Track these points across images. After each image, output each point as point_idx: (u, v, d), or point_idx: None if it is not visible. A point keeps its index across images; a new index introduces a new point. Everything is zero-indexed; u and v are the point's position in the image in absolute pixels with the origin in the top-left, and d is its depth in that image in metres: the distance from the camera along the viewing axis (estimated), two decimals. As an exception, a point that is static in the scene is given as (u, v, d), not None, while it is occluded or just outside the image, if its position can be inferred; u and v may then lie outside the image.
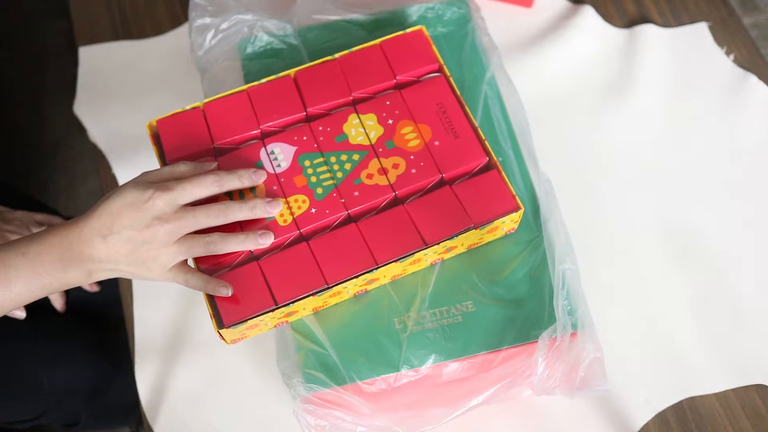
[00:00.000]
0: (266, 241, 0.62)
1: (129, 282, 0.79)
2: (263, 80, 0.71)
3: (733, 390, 0.74)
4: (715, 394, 0.73)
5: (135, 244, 0.57)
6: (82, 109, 0.90)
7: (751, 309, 0.77)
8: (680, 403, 0.73)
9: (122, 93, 0.90)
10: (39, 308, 0.79)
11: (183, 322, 0.77)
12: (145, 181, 0.59)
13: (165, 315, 0.78)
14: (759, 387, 0.74)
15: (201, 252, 0.60)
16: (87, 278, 0.59)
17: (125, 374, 0.80)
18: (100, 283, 0.82)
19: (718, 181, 0.84)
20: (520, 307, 0.65)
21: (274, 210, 0.63)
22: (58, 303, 0.81)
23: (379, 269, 0.63)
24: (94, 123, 0.89)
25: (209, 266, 0.63)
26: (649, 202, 0.82)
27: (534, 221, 0.69)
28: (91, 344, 0.91)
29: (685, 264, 0.79)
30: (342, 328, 0.65)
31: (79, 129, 0.90)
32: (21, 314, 0.76)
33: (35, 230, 0.81)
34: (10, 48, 1.69)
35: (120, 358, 0.91)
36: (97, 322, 0.92)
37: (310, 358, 0.64)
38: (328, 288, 0.62)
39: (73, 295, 0.82)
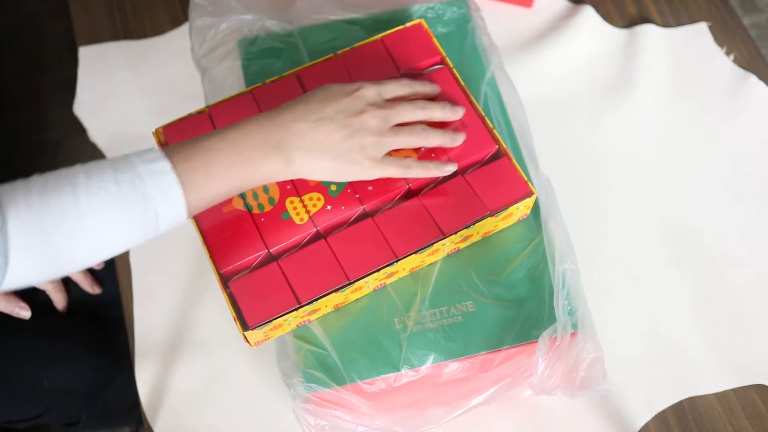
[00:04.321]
0: (450, 168, 0.65)
1: (129, 282, 0.79)
2: (267, 81, 0.71)
3: (733, 390, 0.74)
4: (715, 394, 0.73)
5: (349, 130, 0.57)
6: (82, 109, 0.90)
7: (751, 309, 0.77)
8: (680, 403, 0.73)
9: (122, 93, 0.90)
10: (39, 308, 0.79)
11: (183, 322, 0.77)
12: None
13: (165, 315, 0.78)
14: (759, 387, 0.74)
15: (404, 144, 0.62)
16: (286, 168, 0.57)
17: (125, 374, 0.80)
18: (100, 283, 0.82)
19: (718, 181, 0.83)
20: (520, 307, 0.65)
21: (459, 114, 0.67)
22: (59, 303, 0.81)
23: (398, 262, 0.63)
24: (94, 123, 0.89)
25: (228, 270, 0.63)
26: (649, 202, 0.82)
27: (534, 221, 0.69)
28: (91, 344, 0.90)
29: (685, 264, 0.79)
30: (342, 328, 0.65)
31: (79, 129, 0.89)
32: (26, 314, 0.76)
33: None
34: (10, 48, 1.69)
35: (120, 358, 0.91)
36: (97, 322, 0.92)
37: (310, 358, 0.64)
38: (350, 283, 0.62)
39: (73, 295, 0.82)
